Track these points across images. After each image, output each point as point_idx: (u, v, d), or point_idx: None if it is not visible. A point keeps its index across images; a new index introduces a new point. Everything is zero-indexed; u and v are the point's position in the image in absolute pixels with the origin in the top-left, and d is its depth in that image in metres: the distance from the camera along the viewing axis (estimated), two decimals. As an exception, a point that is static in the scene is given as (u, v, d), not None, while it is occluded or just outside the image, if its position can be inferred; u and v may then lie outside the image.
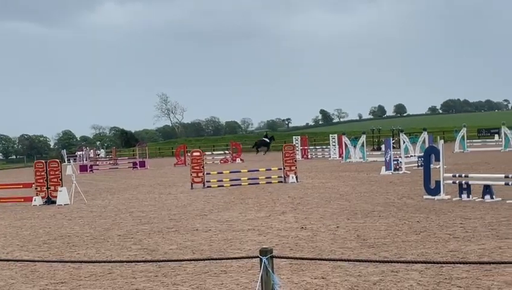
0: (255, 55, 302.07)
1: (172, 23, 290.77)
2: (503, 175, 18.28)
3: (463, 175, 18.27)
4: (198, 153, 27.88)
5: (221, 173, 28.35)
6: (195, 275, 9.54)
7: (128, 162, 56.17)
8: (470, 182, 17.58)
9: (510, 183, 16.74)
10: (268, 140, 64.93)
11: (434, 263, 7.76)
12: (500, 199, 16.69)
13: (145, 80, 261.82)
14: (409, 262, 6.90)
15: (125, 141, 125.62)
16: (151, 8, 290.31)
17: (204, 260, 10.00)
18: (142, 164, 52.49)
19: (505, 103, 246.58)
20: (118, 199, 23.42)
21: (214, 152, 65.83)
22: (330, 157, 50.99)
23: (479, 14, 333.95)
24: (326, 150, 55.00)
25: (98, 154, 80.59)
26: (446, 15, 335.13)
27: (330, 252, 10.82)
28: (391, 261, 7.64)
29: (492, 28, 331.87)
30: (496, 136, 58.85)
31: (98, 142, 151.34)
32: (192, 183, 26.69)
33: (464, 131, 50.27)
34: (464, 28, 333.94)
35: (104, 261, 10.73)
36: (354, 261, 9.36)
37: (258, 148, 64.96)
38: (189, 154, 33.91)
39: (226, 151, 61.93)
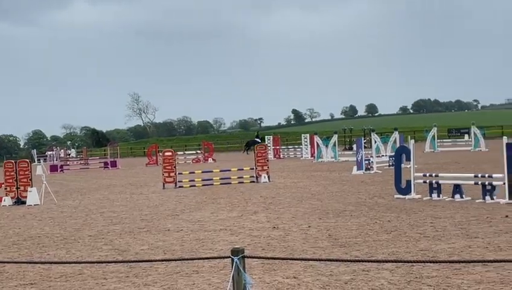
0: (227, 54, 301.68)
1: (144, 22, 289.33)
2: (472, 175, 18.47)
3: (433, 175, 18.42)
4: (170, 153, 27.77)
5: (193, 172, 28.29)
6: (166, 275, 9.50)
7: (100, 162, 55.81)
8: (440, 182, 17.74)
9: (479, 183, 16.92)
10: (259, 140, 64.56)
11: (405, 262, 7.78)
12: (469, 198, 16.86)
13: (116, 80, 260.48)
14: (380, 261, 6.95)
15: (96, 141, 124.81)
16: (123, 8, 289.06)
17: (175, 260, 9.96)
18: (114, 164, 52.18)
19: (475, 103, 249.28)
20: (89, 199, 23.25)
21: (186, 152, 65.66)
22: (302, 157, 51.13)
23: (450, 14, 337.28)
24: (298, 149, 55.14)
25: (69, 154, 79.90)
26: (417, 15, 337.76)
27: (302, 251, 10.84)
28: (362, 261, 7.68)
29: (462, 29, 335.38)
30: (466, 136, 59.47)
31: (68, 142, 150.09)
32: (164, 183, 26.59)
33: (434, 131, 50.73)
34: (435, 28, 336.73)
35: (75, 262, 10.65)
36: (325, 260, 9.38)
37: (249, 148, 64.40)
38: (161, 154, 33.78)
39: (198, 151, 61.82)
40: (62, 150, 77.13)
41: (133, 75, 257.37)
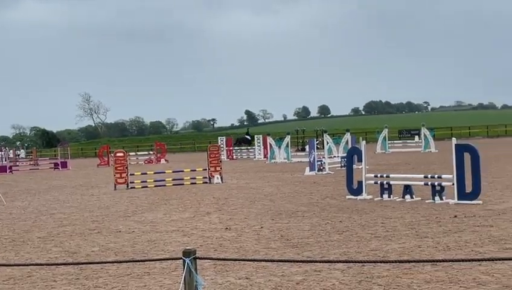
0: (180, 55, 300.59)
1: (96, 22, 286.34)
2: (422, 175, 18.73)
3: (384, 175, 18.63)
4: (121, 154, 27.52)
5: (145, 173, 28.10)
6: (117, 277, 9.40)
7: (50, 163, 55.00)
8: (391, 183, 17.95)
9: (429, 184, 17.17)
10: (250, 137, 63.86)
11: (356, 262, 7.87)
12: (419, 198, 17.10)
13: (67, 80, 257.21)
14: (331, 261, 6.99)
15: (46, 141, 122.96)
16: (74, 7, 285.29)
17: (127, 261, 9.87)
18: (64, 165, 51.47)
19: (425, 105, 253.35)
20: (39, 201, 22.87)
21: (138, 153, 65.17)
22: (255, 158, 51.23)
23: (402, 17, 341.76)
24: (251, 150, 55.21)
25: (18, 155, 78.51)
26: (370, 18, 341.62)
27: (254, 252, 10.84)
28: (314, 261, 7.72)
29: (413, 32, 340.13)
30: (416, 137, 60.31)
31: (18, 143, 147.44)
32: (115, 184, 26.34)
33: (385, 132, 51.35)
34: (386, 31, 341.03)
35: (24, 265, 10.46)
36: (277, 261, 9.40)
37: (239, 145, 63.44)
38: (112, 154, 33.46)
39: (151, 152, 61.41)
40: (11, 151, 75.78)
41: (84, 75, 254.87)
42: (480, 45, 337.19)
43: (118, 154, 27.40)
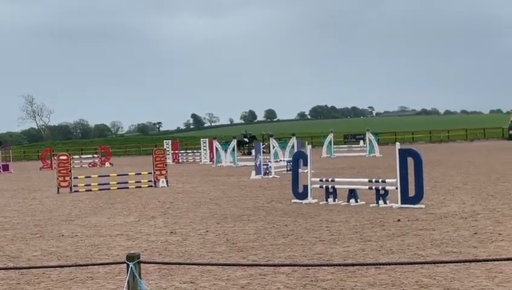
0: (126, 56, 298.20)
1: (39, 22, 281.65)
2: (367, 179, 18.94)
3: (329, 179, 18.77)
4: (65, 157, 27.12)
5: (89, 177, 27.74)
6: (60, 282, 9.24)
7: (-9, 166, 53.83)
8: (336, 187, 18.10)
9: (373, 188, 17.37)
10: (247, 140, 62.92)
11: (300, 265, 7.90)
12: (364, 202, 17.28)
13: (9, 81, 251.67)
14: (276, 265, 7.00)
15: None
16: (16, 7, 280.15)
17: (69, 266, 9.71)
18: (6, 168, 50.46)
19: (370, 110, 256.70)
20: (-21, 204, 22.35)
21: (82, 156, 64.33)
22: (201, 161, 51.12)
23: (348, 21, 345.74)
24: (197, 154, 55.07)
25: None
26: (316, 24, 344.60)
27: (199, 256, 10.79)
28: (259, 265, 7.72)
29: (358, 38, 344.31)
30: (361, 142, 61.09)
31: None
32: (58, 188, 25.92)
33: (331, 136, 51.87)
34: (332, 37, 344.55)
35: (-38, 270, 10.19)
36: (222, 265, 9.38)
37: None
38: (55, 157, 32.94)
39: (95, 155, 60.69)
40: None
41: (27, 76, 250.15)
42: (425, 50, 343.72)
43: (61, 157, 26.99)
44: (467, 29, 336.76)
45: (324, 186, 18.34)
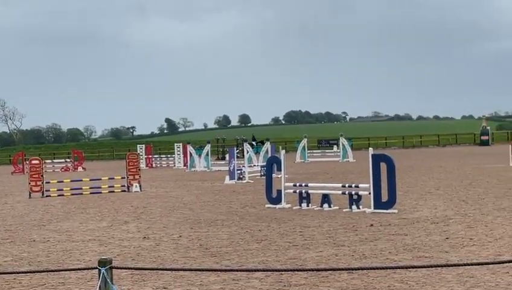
0: (99, 60, 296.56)
1: (10, 25, 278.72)
2: (340, 185, 19.02)
3: (303, 184, 18.81)
4: (37, 161, 26.88)
5: (62, 181, 27.51)
6: (31, 287, 9.15)
7: (-39, 170, 53.21)
8: (310, 192, 18.14)
9: (347, 193, 17.44)
10: (255, 144, 62.26)
11: (274, 270, 7.91)
12: (337, 207, 17.35)
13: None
14: (249, 270, 6.99)
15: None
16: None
17: (41, 272, 9.60)
18: (-23, 172, 49.88)
19: (344, 115, 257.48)
20: (-51, 209, 22.05)
21: (55, 160, 63.81)
22: (175, 166, 50.96)
23: (321, 26, 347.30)
24: (171, 159, 54.88)
25: None
26: (290, 28, 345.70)
27: (172, 261, 10.75)
28: (232, 270, 7.71)
29: (331, 42, 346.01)
30: (335, 147, 61.34)
31: None
32: (30, 193, 25.66)
33: (304, 142, 51.99)
34: (306, 41, 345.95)
35: None
36: (195, 270, 9.35)
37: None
38: (27, 162, 32.62)
39: (68, 160, 60.25)
40: None
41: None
42: (398, 56, 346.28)
43: (34, 162, 26.75)
44: (439, 35, 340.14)
45: (298, 191, 18.37)
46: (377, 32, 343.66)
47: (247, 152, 34.23)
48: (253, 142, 63.75)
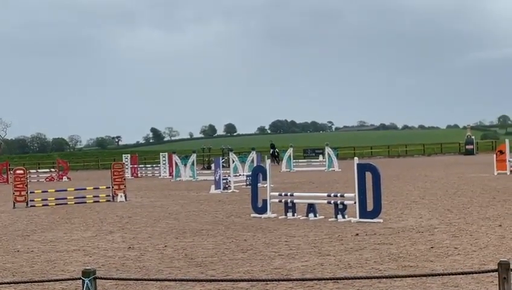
0: (84, 69, 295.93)
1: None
2: (326, 194, 19.04)
3: (289, 194, 18.81)
4: (21, 171, 26.71)
5: (46, 191, 27.35)
6: (14, 299, 9.07)
7: None
8: (295, 201, 18.14)
9: (332, 202, 17.45)
10: (276, 153, 62.01)
11: (259, 280, 7.89)
12: (323, 217, 17.35)
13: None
14: (235, 280, 6.98)
15: None
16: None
17: (25, 282, 9.54)
18: (-40, 182, 49.47)
19: (329, 125, 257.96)
20: None
21: (39, 170, 63.45)
22: (160, 176, 50.81)
23: (306, 35, 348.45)
24: (156, 168, 54.73)
25: None
26: (275, 37, 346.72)
27: (157, 271, 10.70)
28: (217, 280, 7.69)
29: (318, 51, 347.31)
30: (320, 156, 61.38)
31: None
32: (14, 203, 25.48)
33: (290, 151, 52.01)
34: (291, 50, 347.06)
35: None
36: (180, 280, 9.31)
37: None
38: (11, 172, 32.43)
39: (52, 169, 59.94)
40: None
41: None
42: (383, 65, 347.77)
43: (18, 172, 26.58)
44: (425, 45, 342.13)
45: (283, 200, 18.36)
46: (362, 42, 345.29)
47: (233, 161, 34.19)
48: (275, 151, 63.42)
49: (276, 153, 62.57)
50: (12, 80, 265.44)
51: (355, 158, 17.67)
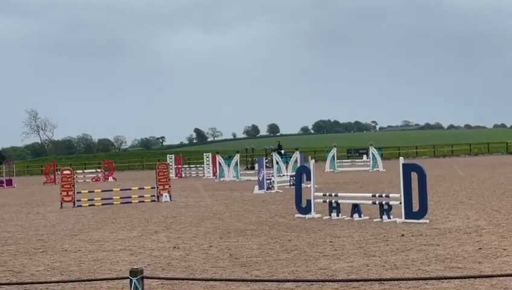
0: (129, 71, 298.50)
1: (44, 36, 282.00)
2: (370, 194, 18.90)
3: (333, 194, 18.73)
4: (68, 171, 27.11)
5: (93, 191, 27.70)
6: (62, 297, 9.20)
7: (-6, 180, 53.79)
8: (340, 201, 18.05)
9: (377, 203, 17.32)
10: (283, 152, 62.55)
11: (304, 281, 7.87)
12: (367, 217, 17.23)
13: (13, 95, 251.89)
14: (280, 281, 6.96)
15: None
16: (20, 21, 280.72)
17: (73, 281, 9.68)
18: (9, 182, 50.39)
19: (373, 124, 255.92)
20: (-18, 219, 22.32)
21: (86, 170, 64.35)
22: (204, 176, 51.06)
23: (351, 36, 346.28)
24: (200, 169, 55.01)
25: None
26: (319, 37, 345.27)
27: (202, 271, 10.75)
28: (262, 280, 7.68)
29: (363, 51, 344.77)
30: (364, 157, 60.99)
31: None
32: (61, 203, 25.89)
33: (334, 151, 51.79)
34: (335, 50, 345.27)
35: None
36: (226, 280, 9.34)
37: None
38: (59, 172, 32.94)
39: (98, 170, 60.72)
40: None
41: (31, 90, 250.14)
42: (428, 65, 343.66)
43: (65, 172, 26.99)
44: (470, 43, 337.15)
45: (327, 201, 18.29)
46: (407, 41, 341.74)
47: (277, 162, 34.18)
48: (281, 151, 63.33)
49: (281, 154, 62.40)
50: (58, 81, 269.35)
51: (401, 158, 17.51)
